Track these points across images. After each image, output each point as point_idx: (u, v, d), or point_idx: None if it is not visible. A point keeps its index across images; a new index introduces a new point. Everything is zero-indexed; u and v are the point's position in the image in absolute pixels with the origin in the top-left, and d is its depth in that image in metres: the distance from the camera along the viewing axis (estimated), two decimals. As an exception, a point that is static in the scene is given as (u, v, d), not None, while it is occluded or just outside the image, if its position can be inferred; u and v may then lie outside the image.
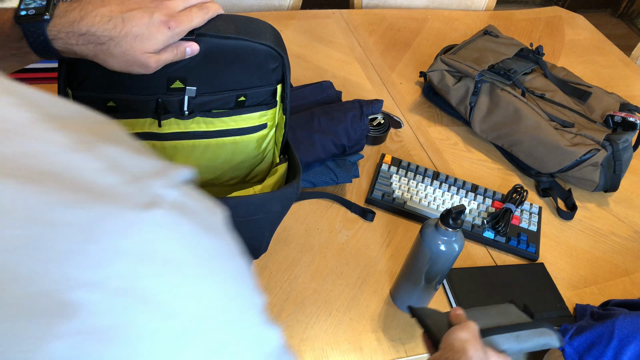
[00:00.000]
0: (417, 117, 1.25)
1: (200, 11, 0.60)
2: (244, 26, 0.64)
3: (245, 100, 0.72)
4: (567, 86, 1.22)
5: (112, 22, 0.54)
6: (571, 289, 0.95)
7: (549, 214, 1.08)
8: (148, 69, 0.58)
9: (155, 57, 0.58)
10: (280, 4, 1.60)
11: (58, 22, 0.53)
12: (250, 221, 0.64)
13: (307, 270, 0.89)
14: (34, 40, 0.53)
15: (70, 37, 0.54)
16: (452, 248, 0.74)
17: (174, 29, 0.57)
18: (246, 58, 0.66)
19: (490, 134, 1.18)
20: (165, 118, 0.70)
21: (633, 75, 1.55)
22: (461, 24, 1.62)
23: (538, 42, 1.60)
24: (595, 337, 0.79)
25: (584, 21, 1.77)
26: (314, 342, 0.80)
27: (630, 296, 0.96)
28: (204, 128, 0.72)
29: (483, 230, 0.99)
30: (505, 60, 1.21)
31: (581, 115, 1.15)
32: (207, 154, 0.75)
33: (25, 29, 0.52)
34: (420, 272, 0.78)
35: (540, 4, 3.53)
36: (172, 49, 0.59)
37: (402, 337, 0.83)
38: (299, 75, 1.28)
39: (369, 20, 1.55)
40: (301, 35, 1.43)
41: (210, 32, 0.61)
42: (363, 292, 0.87)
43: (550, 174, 1.12)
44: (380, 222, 0.99)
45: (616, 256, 1.03)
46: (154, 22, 0.56)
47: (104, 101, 0.67)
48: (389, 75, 1.36)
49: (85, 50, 0.55)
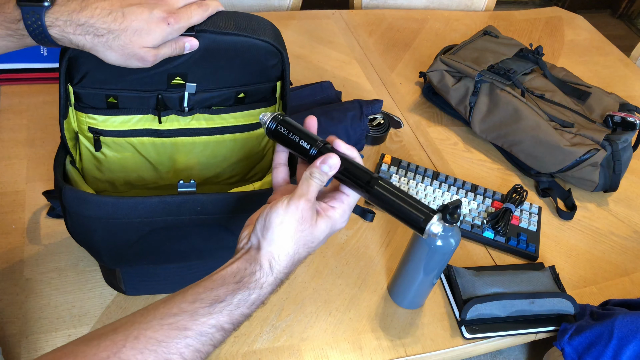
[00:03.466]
0: (416, 117, 1.25)
1: (199, 8, 0.60)
2: (243, 23, 0.64)
3: (245, 97, 0.72)
4: (566, 86, 1.22)
5: (112, 15, 0.55)
6: (571, 289, 0.94)
7: (548, 214, 1.08)
8: (146, 63, 0.59)
9: (154, 52, 0.58)
10: (280, 4, 1.61)
11: (57, 9, 0.54)
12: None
13: (307, 270, 0.88)
14: (31, 24, 0.53)
15: (67, 25, 0.54)
16: (448, 243, 0.74)
17: (173, 25, 0.58)
18: (246, 54, 0.66)
19: (490, 134, 1.18)
20: (165, 114, 0.70)
21: (633, 76, 1.55)
22: (461, 24, 1.62)
23: (538, 42, 1.61)
24: (594, 336, 0.79)
25: (583, 21, 1.77)
26: (314, 341, 0.80)
27: (630, 296, 0.96)
28: (204, 125, 0.72)
29: (483, 230, 0.99)
30: (505, 60, 1.21)
31: (581, 116, 1.15)
32: (207, 151, 0.75)
33: (25, 11, 0.53)
34: (418, 267, 0.78)
35: (540, 4, 3.53)
36: (171, 44, 0.59)
37: (402, 337, 0.82)
38: (298, 75, 1.28)
39: (368, 20, 1.55)
40: (301, 36, 1.43)
41: (210, 28, 0.62)
42: (363, 291, 0.87)
43: (550, 174, 1.12)
44: (380, 222, 0.99)
45: (616, 256, 1.02)
46: (153, 17, 0.56)
47: (105, 97, 0.67)
48: (388, 76, 1.36)
49: (83, 40, 0.55)
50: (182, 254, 0.71)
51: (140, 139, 0.72)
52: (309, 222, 0.53)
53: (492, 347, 0.86)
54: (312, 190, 0.53)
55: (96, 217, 0.61)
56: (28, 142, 0.99)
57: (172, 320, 0.47)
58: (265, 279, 0.51)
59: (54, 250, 0.83)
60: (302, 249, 0.53)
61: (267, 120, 0.59)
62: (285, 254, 0.52)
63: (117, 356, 0.44)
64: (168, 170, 0.77)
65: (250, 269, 0.51)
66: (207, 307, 0.49)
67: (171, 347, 0.46)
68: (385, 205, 0.56)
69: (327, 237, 0.56)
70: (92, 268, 0.82)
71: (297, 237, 0.52)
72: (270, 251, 0.52)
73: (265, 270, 0.51)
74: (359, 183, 0.56)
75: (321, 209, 0.55)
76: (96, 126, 0.69)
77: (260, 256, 0.52)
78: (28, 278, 0.79)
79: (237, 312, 0.50)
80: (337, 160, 0.55)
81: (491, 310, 0.83)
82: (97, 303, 0.78)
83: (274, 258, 0.52)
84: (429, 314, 0.86)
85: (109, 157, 0.73)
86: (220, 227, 0.66)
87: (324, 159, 0.55)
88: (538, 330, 0.86)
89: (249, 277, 0.51)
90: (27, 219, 0.87)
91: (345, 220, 0.57)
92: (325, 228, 0.55)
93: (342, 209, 0.56)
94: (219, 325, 0.49)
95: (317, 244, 0.55)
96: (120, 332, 0.46)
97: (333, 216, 0.55)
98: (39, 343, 0.73)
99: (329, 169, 0.55)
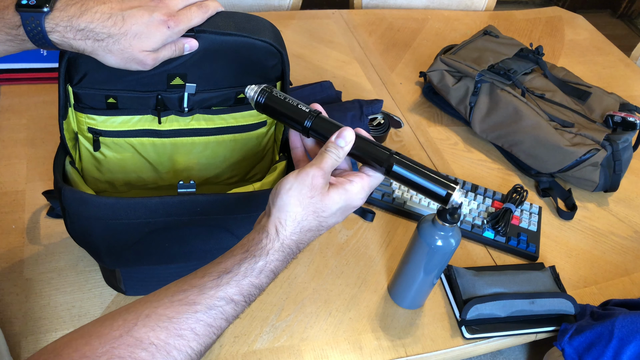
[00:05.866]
0: (417, 117, 1.25)
1: (199, 10, 0.60)
2: (243, 23, 0.64)
3: (244, 97, 0.72)
4: (567, 86, 1.22)
5: (112, 19, 0.54)
6: (571, 289, 0.94)
7: (549, 214, 1.08)
8: (145, 67, 0.59)
9: (153, 55, 0.58)
10: (280, 4, 1.60)
11: (57, 15, 0.53)
12: (249, 217, 0.64)
13: (307, 270, 0.88)
14: (31, 29, 0.53)
15: (67, 31, 0.54)
16: (448, 243, 0.74)
17: (173, 29, 0.57)
18: (245, 54, 0.66)
19: (490, 134, 1.18)
20: (165, 115, 0.70)
21: (633, 76, 1.55)
22: (461, 24, 1.62)
23: (538, 42, 1.61)
24: (595, 336, 0.79)
25: (584, 21, 1.77)
26: (314, 341, 0.79)
27: (630, 296, 0.96)
28: (203, 125, 0.72)
29: (483, 230, 0.99)
30: (505, 60, 1.21)
31: (581, 115, 1.15)
32: (207, 152, 0.75)
33: (24, 17, 0.53)
34: (418, 267, 0.78)
35: (540, 4, 3.53)
36: (171, 46, 0.59)
37: (402, 337, 0.82)
38: (299, 75, 1.28)
39: (368, 20, 1.55)
40: (301, 35, 1.43)
41: (209, 28, 0.62)
42: (363, 291, 0.87)
43: (550, 174, 1.12)
44: (380, 222, 0.99)
45: (616, 256, 1.02)
46: (153, 20, 0.56)
47: (105, 98, 0.67)
48: (388, 75, 1.36)
49: (83, 45, 0.55)
50: (182, 254, 0.71)
51: (140, 140, 0.72)
52: (319, 190, 0.52)
53: (492, 347, 0.86)
54: (325, 161, 0.53)
55: (96, 217, 0.61)
56: (28, 142, 0.99)
57: (182, 296, 0.47)
58: (272, 244, 0.51)
59: (53, 250, 0.83)
60: (312, 216, 0.52)
61: (255, 95, 0.57)
62: (292, 219, 0.51)
63: (130, 334, 0.44)
64: (168, 171, 0.77)
65: (258, 237, 0.51)
66: (214, 280, 0.48)
67: (182, 323, 0.46)
68: (406, 181, 0.55)
69: (341, 211, 0.54)
70: (92, 268, 0.82)
71: (305, 202, 0.51)
72: (278, 217, 0.51)
73: (272, 236, 0.51)
74: (378, 159, 0.55)
75: (337, 182, 0.54)
76: (96, 127, 0.69)
77: (269, 223, 0.51)
78: (28, 278, 0.79)
79: (245, 282, 0.49)
80: (352, 134, 0.54)
81: (491, 311, 0.83)
82: (97, 303, 0.78)
83: (280, 223, 0.51)
84: (429, 314, 0.86)
85: (108, 157, 0.73)
86: (220, 228, 0.66)
87: (339, 133, 0.54)
88: (538, 331, 0.86)
89: (256, 245, 0.50)
90: (26, 219, 0.87)
91: (362, 198, 0.55)
92: (339, 200, 0.53)
93: (361, 184, 0.55)
94: (227, 297, 0.48)
95: (328, 215, 0.53)
96: (133, 311, 0.46)
97: (350, 189, 0.54)
98: (38, 343, 0.73)
99: (344, 143, 0.54)
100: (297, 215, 0.51)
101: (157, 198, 0.61)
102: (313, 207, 0.52)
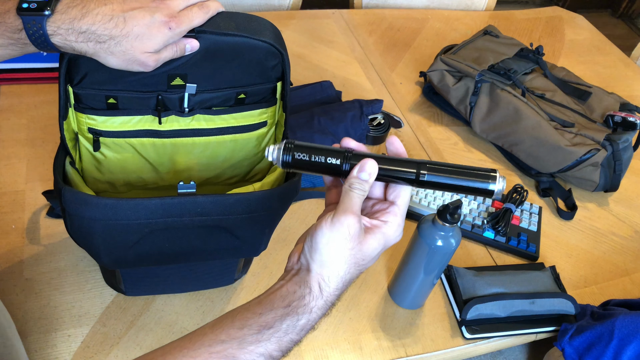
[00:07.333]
0: (417, 117, 1.25)
1: (200, 10, 0.60)
2: (243, 23, 0.64)
3: (245, 97, 0.71)
4: (567, 86, 1.22)
5: (114, 21, 0.54)
6: (571, 289, 0.94)
7: (549, 214, 1.08)
8: (147, 68, 0.59)
9: (155, 57, 0.58)
10: (280, 4, 1.60)
11: (58, 18, 0.53)
12: (250, 218, 0.64)
13: (307, 270, 0.88)
14: (32, 33, 0.53)
15: (69, 34, 0.54)
16: (449, 243, 0.74)
17: (175, 30, 0.57)
18: (246, 55, 0.66)
19: (490, 133, 1.18)
20: (165, 115, 0.70)
21: (633, 75, 1.55)
22: (461, 24, 1.62)
23: (538, 42, 1.61)
24: (595, 336, 0.79)
25: (584, 21, 1.77)
26: (314, 341, 0.79)
27: (630, 296, 0.96)
28: (204, 125, 0.72)
29: (483, 230, 0.99)
30: (505, 60, 1.21)
31: (581, 115, 1.15)
32: (207, 152, 0.75)
33: (26, 21, 0.53)
34: (418, 267, 0.78)
35: (540, 4, 3.53)
36: (172, 46, 0.59)
37: (402, 337, 0.82)
38: (299, 75, 1.28)
39: (368, 20, 1.55)
40: (301, 35, 1.43)
41: (210, 29, 0.61)
42: (363, 292, 0.87)
43: (550, 174, 1.12)
44: (380, 221, 0.99)
45: (616, 256, 1.02)
46: (154, 22, 0.56)
47: (105, 98, 0.67)
48: (389, 75, 1.36)
49: (85, 47, 0.55)
50: (182, 255, 0.71)
51: (140, 140, 0.72)
52: (357, 238, 0.49)
53: (492, 347, 0.86)
54: (354, 202, 0.49)
55: (96, 218, 0.60)
56: (28, 142, 0.99)
57: (221, 347, 0.46)
58: (315, 302, 0.48)
59: (53, 251, 0.83)
60: (354, 268, 0.49)
61: (278, 154, 0.52)
62: (335, 275, 0.49)
63: None
64: (168, 171, 0.77)
65: (300, 292, 0.48)
66: (255, 334, 0.46)
67: None
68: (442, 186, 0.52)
69: (379, 253, 0.51)
70: (92, 268, 0.82)
71: (346, 255, 0.48)
72: (320, 273, 0.48)
73: (315, 294, 0.48)
74: (407, 178, 0.51)
75: (372, 225, 0.51)
76: (96, 127, 0.69)
77: (310, 278, 0.49)
78: (28, 278, 0.79)
79: (286, 339, 0.47)
80: (374, 164, 0.50)
81: (491, 311, 0.83)
82: (97, 303, 0.78)
83: (324, 280, 0.49)
84: (429, 314, 0.86)
85: (108, 157, 0.73)
86: (221, 228, 0.66)
87: (361, 167, 0.50)
88: (538, 331, 0.86)
89: (298, 301, 0.48)
90: (26, 219, 0.87)
91: (399, 233, 0.52)
92: (377, 245, 0.50)
93: (396, 222, 0.51)
94: (267, 353, 0.46)
95: (368, 262, 0.50)
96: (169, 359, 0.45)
97: (386, 232, 0.51)
98: (38, 343, 0.73)
99: (368, 176, 0.50)
100: (340, 271, 0.49)
101: (157, 199, 0.61)
102: (354, 258, 0.49)
